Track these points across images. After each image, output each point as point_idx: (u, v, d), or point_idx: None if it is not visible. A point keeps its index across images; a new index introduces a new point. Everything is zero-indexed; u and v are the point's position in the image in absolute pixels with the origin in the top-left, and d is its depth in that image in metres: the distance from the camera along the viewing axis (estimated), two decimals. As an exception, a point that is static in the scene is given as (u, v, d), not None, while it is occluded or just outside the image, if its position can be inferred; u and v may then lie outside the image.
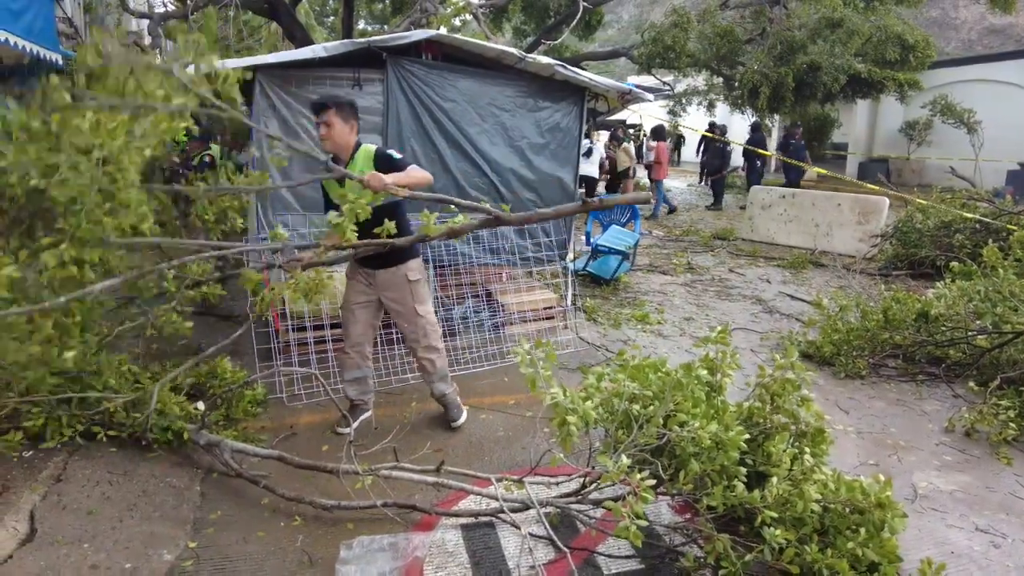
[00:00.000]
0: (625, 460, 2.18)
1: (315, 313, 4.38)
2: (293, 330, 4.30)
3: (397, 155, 3.33)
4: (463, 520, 2.84)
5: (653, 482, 2.15)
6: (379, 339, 4.29)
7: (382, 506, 2.77)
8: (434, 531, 2.77)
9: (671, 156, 19.25)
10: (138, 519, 2.66)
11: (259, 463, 3.15)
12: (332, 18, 19.75)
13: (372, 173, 2.93)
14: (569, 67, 4.95)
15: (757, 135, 13.95)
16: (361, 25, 18.85)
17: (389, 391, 4.16)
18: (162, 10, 9.83)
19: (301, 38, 10.08)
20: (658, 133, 14.12)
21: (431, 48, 4.67)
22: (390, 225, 2.92)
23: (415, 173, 3.13)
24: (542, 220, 4.61)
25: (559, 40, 7.01)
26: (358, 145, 3.35)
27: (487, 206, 3.03)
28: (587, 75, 5.08)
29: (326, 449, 3.41)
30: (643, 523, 2.07)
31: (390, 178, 2.90)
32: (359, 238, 2.93)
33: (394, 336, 4.43)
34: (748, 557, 2.22)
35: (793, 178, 13.37)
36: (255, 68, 4.25)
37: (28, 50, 5.57)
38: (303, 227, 4.46)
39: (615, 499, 2.20)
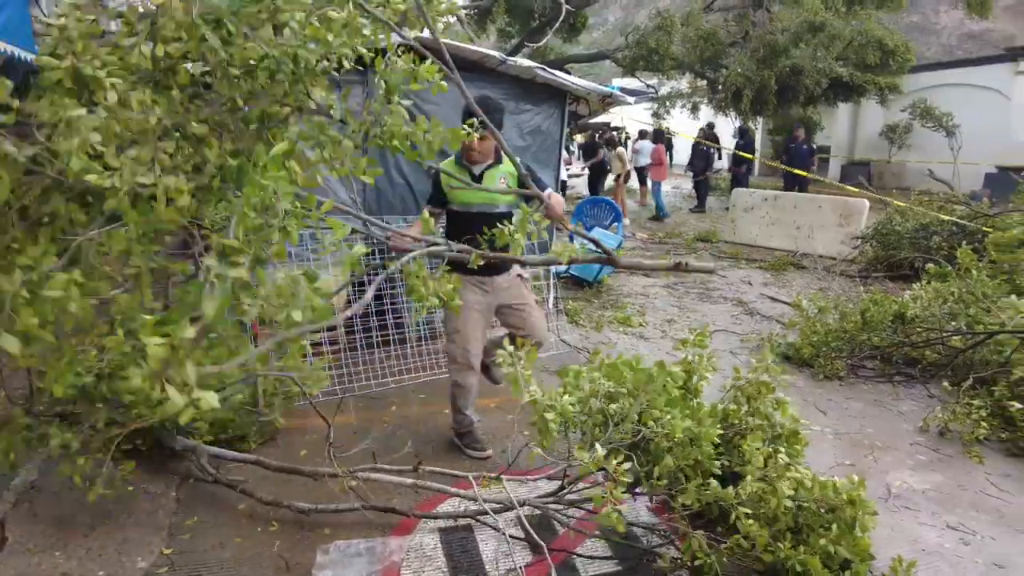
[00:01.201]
0: (601, 451, 2.21)
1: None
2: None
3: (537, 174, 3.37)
4: (441, 524, 2.84)
5: (628, 466, 2.18)
6: (359, 342, 4.28)
7: (361, 509, 2.77)
8: (412, 535, 2.77)
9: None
10: (112, 526, 2.63)
11: (236, 468, 3.13)
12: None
13: (556, 197, 2.99)
14: (550, 70, 4.98)
15: (744, 140, 14.02)
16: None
17: (369, 395, 4.15)
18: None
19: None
20: (657, 135, 14.16)
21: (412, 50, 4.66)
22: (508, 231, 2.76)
23: (560, 199, 3.19)
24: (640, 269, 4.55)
25: (543, 42, 7.04)
26: (498, 151, 3.34)
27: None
28: (568, 78, 5.10)
29: (304, 454, 3.40)
30: (624, 509, 2.09)
31: (558, 207, 2.98)
32: (469, 241, 2.82)
33: (375, 339, 4.42)
34: (723, 546, 2.25)
35: (796, 184, 13.11)
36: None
37: (2, 50, 5.49)
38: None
39: (595, 487, 2.22)
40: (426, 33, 2.43)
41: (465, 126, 2.29)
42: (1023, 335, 3.94)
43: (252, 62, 1.81)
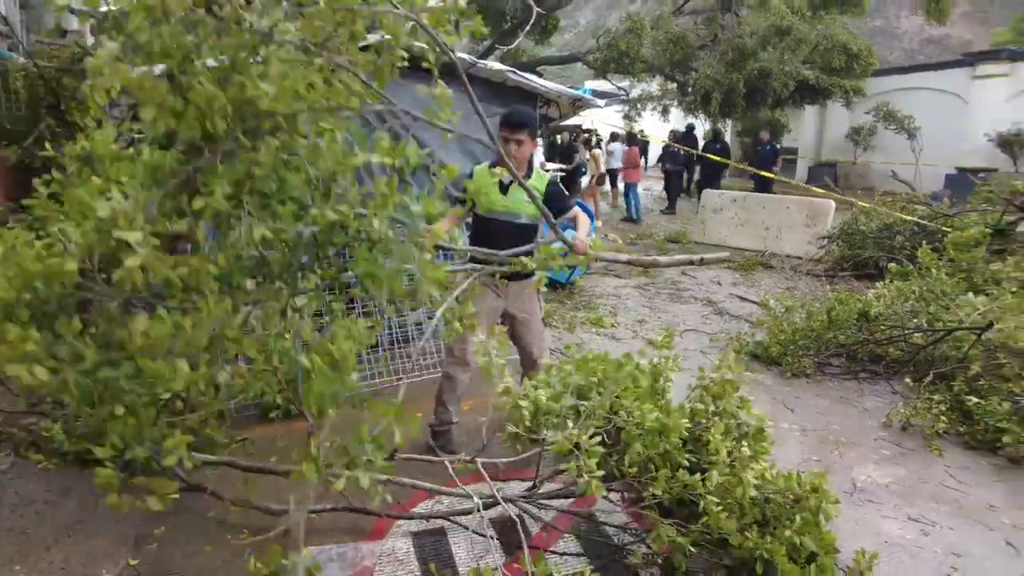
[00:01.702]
0: (573, 428, 2.24)
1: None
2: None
3: (566, 192, 3.40)
4: (414, 528, 2.84)
5: (601, 449, 2.21)
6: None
7: (334, 510, 2.75)
8: (384, 540, 2.76)
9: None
10: (76, 538, 2.58)
11: (207, 475, 3.07)
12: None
13: (581, 240, 3.04)
14: (520, 73, 5.00)
15: (717, 144, 14.19)
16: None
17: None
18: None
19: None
20: (632, 138, 14.27)
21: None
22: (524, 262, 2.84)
23: (585, 222, 3.25)
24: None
25: (515, 44, 7.08)
26: (531, 163, 3.38)
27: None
28: (538, 81, 5.13)
29: (274, 460, 3.36)
30: (599, 473, 2.12)
31: (583, 235, 3.08)
32: (507, 245, 2.97)
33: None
34: (691, 529, 2.30)
35: (761, 186, 13.39)
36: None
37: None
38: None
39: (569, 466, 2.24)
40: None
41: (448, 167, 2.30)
42: (980, 331, 4.07)
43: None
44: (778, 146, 15.01)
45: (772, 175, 12.45)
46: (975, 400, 3.81)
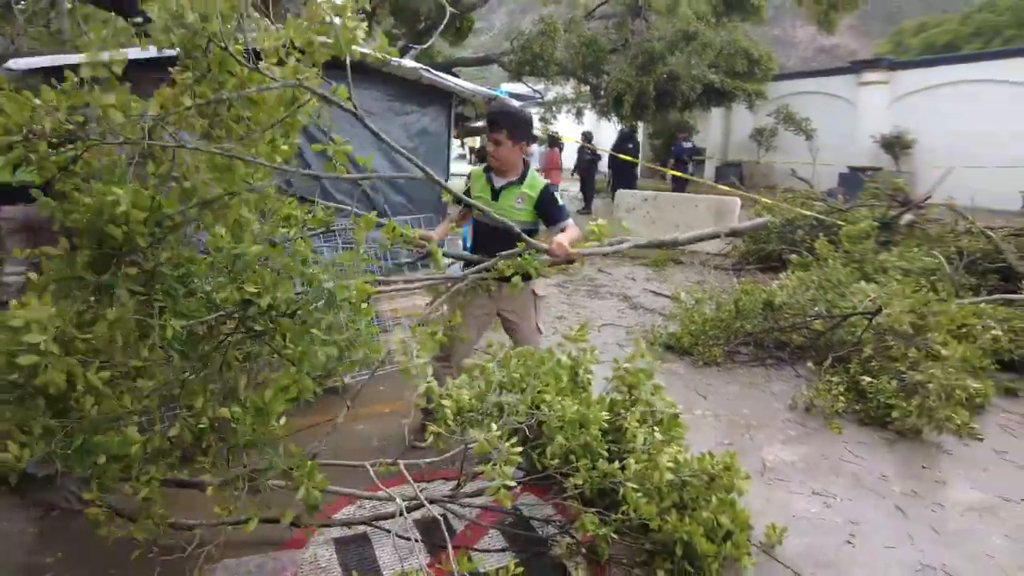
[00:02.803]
0: (496, 430, 2.24)
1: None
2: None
3: (560, 202, 3.29)
4: (336, 534, 2.77)
5: (520, 449, 2.22)
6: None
7: (249, 521, 2.63)
8: (305, 548, 2.68)
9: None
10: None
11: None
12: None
13: (559, 243, 2.97)
14: (435, 72, 4.97)
15: (628, 144, 14.60)
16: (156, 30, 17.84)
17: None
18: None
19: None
20: (554, 140, 14.45)
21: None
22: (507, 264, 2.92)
23: (575, 233, 3.16)
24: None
25: (428, 44, 7.02)
26: (526, 169, 3.26)
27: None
28: (453, 80, 5.12)
29: (186, 474, 3.18)
30: (512, 483, 2.12)
31: (567, 241, 3.00)
32: (498, 248, 3.07)
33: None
34: (613, 517, 2.35)
35: (677, 185, 13.97)
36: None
37: None
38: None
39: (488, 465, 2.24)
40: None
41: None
42: (871, 316, 4.37)
43: None
44: (688, 145, 15.64)
45: (688, 176, 13.00)
46: (868, 380, 4.09)
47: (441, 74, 5.00)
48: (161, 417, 2.21)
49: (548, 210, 3.24)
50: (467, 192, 3.32)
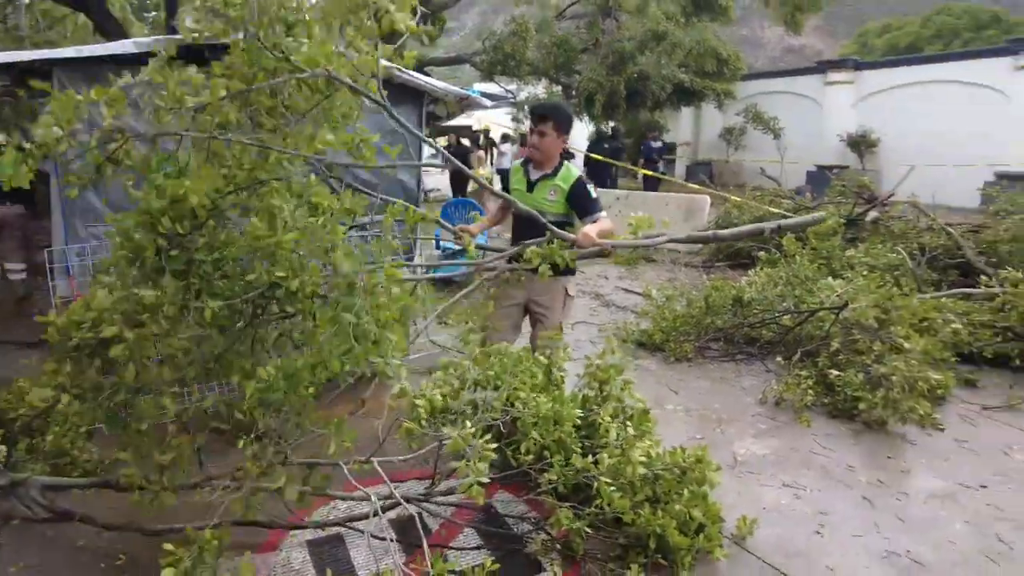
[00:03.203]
0: (469, 427, 2.24)
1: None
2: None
3: (595, 193, 3.31)
4: (309, 536, 2.74)
5: (495, 445, 2.23)
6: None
7: (220, 524, 2.58)
8: (278, 551, 2.65)
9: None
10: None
11: (79, 499, 2.79)
12: (155, 13, 18.23)
13: (584, 234, 2.97)
14: (406, 70, 4.94)
15: (613, 143, 14.66)
16: (188, 22, 17.55)
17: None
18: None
19: (114, 32, 9.22)
20: (525, 139, 14.42)
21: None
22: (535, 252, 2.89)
23: (605, 225, 3.18)
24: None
25: (400, 42, 6.94)
26: (561, 161, 3.28)
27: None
28: (425, 79, 5.10)
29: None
30: (485, 479, 2.12)
31: (595, 232, 2.99)
32: (528, 236, 3.13)
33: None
34: (587, 511, 2.37)
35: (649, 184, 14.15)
36: (53, 63, 3.82)
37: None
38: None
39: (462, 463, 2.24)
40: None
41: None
42: (838, 311, 4.46)
43: None
44: (659, 145, 15.80)
45: (660, 175, 13.14)
46: (836, 373, 4.17)
47: (413, 73, 4.97)
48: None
49: (580, 202, 3.31)
50: (505, 188, 3.43)
